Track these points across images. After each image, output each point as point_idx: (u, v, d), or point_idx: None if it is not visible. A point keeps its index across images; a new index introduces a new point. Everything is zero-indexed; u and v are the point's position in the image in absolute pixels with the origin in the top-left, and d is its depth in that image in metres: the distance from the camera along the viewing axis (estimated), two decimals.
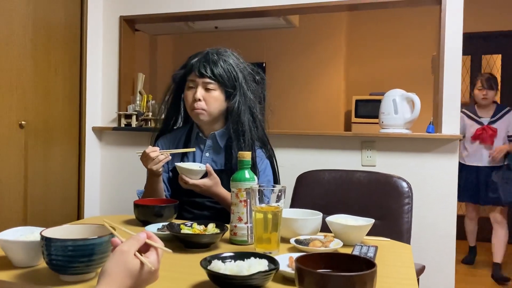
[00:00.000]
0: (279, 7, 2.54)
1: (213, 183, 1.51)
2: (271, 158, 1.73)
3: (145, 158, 1.54)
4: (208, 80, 1.60)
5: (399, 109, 2.30)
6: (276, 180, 1.73)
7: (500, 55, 4.70)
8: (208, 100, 1.61)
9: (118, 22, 2.82)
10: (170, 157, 1.58)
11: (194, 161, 1.67)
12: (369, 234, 1.26)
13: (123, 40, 2.81)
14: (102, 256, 0.89)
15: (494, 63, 4.76)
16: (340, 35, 4.79)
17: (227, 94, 1.64)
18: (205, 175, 1.51)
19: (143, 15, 2.79)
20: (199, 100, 1.60)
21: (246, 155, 1.26)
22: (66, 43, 2.57)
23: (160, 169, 1.55)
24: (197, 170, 1.50)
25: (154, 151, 1.53)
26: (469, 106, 3.61)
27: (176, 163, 1.54)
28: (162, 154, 1.54)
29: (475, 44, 4.39)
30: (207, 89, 1.61)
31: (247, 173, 1.24)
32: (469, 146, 3.51)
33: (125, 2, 2.81)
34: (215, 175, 1.52)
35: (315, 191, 1.85)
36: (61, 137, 2.55)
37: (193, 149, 1.65)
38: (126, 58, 2.85)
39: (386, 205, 1.71)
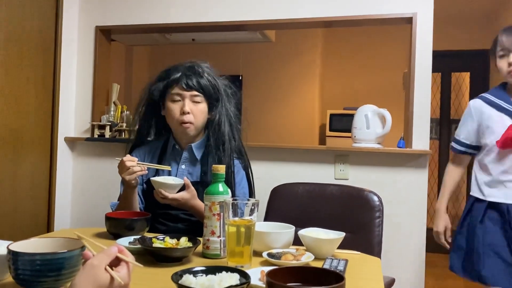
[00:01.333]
0: (256, 22, 2.58)
1: (191, 196, 1.51)
2: (247, 169, 1.74)
3: (121, 166, 1.53)
4: (195, 92, 1.62)
5: (371, 124, 2.35)
6: (251, 192, 1.74)
7: (468, 73, 4.87)
8: (196, 113, 1.62)
9: (93, 32, 2.80)
10: (147, 171, 1.56)
11: (169, 174, 1.66)
12: (340, 247, 1.28)
13: (98, 50, 2.79)
14: (72, 271, 0.88)
15: (463, 81, 4.92)
16: (316, 51, 4.87)
17: (209, 106, 1.66)
18: (182, 188, 1.51)
19: (119, 26, 2.78)
20: (188, 113, 1.60)
21: (220, 169, 1.26)
22: (39, 52, 2.53)
23: (133, 181, 1.54)
24: (174, 184, 1.49)
25: (130, 161, 1.51)
26: (492, 89, 1.91)
27: (151, 178, 1.52)
28: (138, 166, 1.52)
29: (445, 62, 4.53)
30: (194, 102, 1.62)
31: (221, 187, 1.25)
32: (496, 163, 1.80)
33: (101, 12, 2.79)
34: (192, 187, 1.52)
35: (289, 204, 1.87)
36: (31, 147, 2.50)
37: (169, 168, 1.63)
38: (101, 68, 2.82)
39: (357, 218, 1.75)
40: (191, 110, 1.61)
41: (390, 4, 2.38)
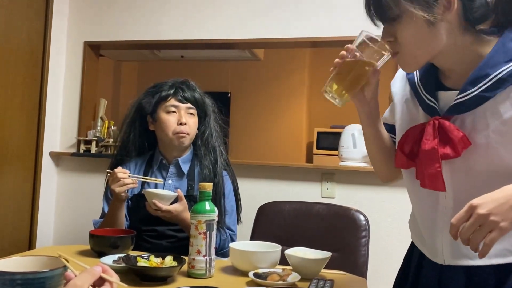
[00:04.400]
0: (244, 41, 2.60)
1: (183, 208, 1.52)
2: (234, 181, 1.77)
3: (112, 178, 1.52)
4: (190, 105, 1.68)
5: (357, 143, 2.37)
6: (238, 205, 1.76)
7: None
8: (190, 125, 1.67)
9: (82, 46, 2.79)
10: (137, 184, 1.56)
11: (156, 187, 1.65)
12: (327, 267, 1.28)
13: (86, 65, 2.78)
14: None
15: None
16: (304, 69, 4.92)
17: (200, 119, 1.72)
18: (174, 200, 1.51)
19: (108, 41, 2.78)
20: (185, 124, 1.64)
21: (207, 187, 1.26)
22: (27, 65, 2.51)
23: (123, 194, 1.52)
24: (168, 195, 1.50)
25: (122, 172, 1.51)
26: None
27: (145, 190, 1.53)
28: (130, 178, 1.51)
29: None
30: (189, 114, 1.67)
31: (208, 205, 1.24)
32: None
33: (90, 27, 2.80)
34: (184, 200, 1.53)
35: (275, 223, 1.87)
36: (15, 161, 2.46)
37: (161, 181, 1.64)
38: (89, 83, 2.81)
39: (343, 237, 1.75)
40: (187, 121, 1.65)
41: (376, 26, 2.42)
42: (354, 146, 2.38)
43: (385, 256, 2.31)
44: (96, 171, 2.66)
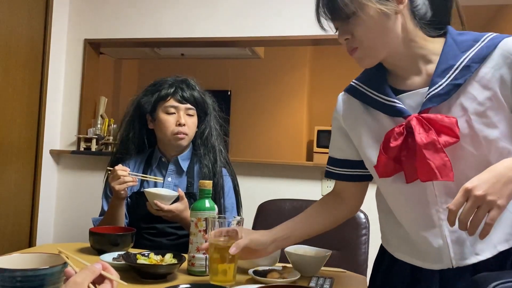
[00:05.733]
0: (245, 39, 2.60)
1: (184, 207, 1.52)
2: (234, 179, 1.77)
3: (112, 175, 1.51)
4: (189, 105, 1.66)
5: None
6: (238, 202, 1.76)
7: None
8: (190, 125, 1.67)
9: (82, 44, 2.79)
10: (137, 183, 1.55)
11: (155, 186, 1.65)
12: (326, 264, 1.28)
13: (86, 63, 2.78)
14: None
15: None
16: (304, 68, 4.92)
17: (200, 119, 1.71)
18: (176, 199, 1.52)
19: (108, 39, 2.78)
20: (184, 125, 1.63)
21: (207, 184, 1.26)
22: (27, 63, 2.51)
23: (123, 191, 1.52)
24: (169, 195, 1.50)
25: (123, 170, 1.51)
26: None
27: (145, 190, 1.53)
28: (130, 176, 1.51)
29: None
30: (188, 115, 1.67)
31: (208, 202, 1.24)
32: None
33: (91, 25, 2.79)
34: (185, 199, 1.53)
35: (276, 221, 1.84)
36: (15, 159, 2.46)
37: (161, 179, 1.63)
38: (89, 81, 2.81)
39: (344, 236, 1.74)
40: (186, 122, 1.64)
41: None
42: None
43: None
44: (96, 169, 2.66)
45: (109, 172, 1.55)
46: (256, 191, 2.40)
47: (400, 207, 1.05)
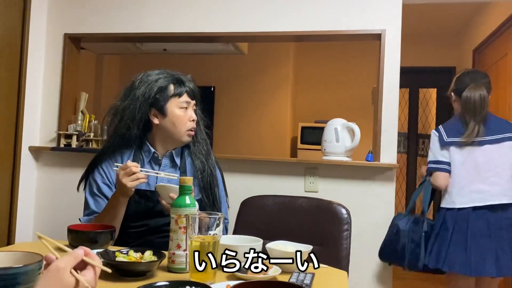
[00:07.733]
0: (228, 34, 2.59)
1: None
2: (221, 171, 1.78)
3: (123, 172, 1.44)
4: (194, 101, 1.67)
5: (340, 137, 2.38)
6: (226, 195, 1.78)
7: (435, 89, 5.02)
8: (197, 120, 1.68)
9: (62, 39, 2.74)
10: (147, 179, 1.51)
11: (148, 182, 1.61)
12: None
13: (66, 58, 2.73)
14: (28, 287, 0.84)
15: (430, 96, 5.07)
16: (288, 64, 4.92)
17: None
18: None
19: (89, 34, 2.73)
20: (194, 120, 1.65)
21: (188, 181, 1.24)
22: (4, 58, 2.46)
23: (133, 189, 1.48)
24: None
25: (136, 167, 1.46)
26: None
27: (158, 184, 1.50)
28: (142, 173, 1.47)
29: (413, 78, 4.66)
30: (194, 109, 1.67)
31: (188, 199, 1.23)
32: None
33: (71, 20, 2.74)
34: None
35: (259, 217, 1.86)
36: None
37: (176, 176, 1.56)
38: (69, 76, 2.76)
39: (326, 231, 1.75)
40: (195, 118, 1.66)
41: (360, 21, 2.43)
42: (336, 141, 2.38)
43: (367, 249, 2.33)
44: (77, 166, 2.62)
45: (116, 168, 1.50)
46: (239, 187, 2.40)
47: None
